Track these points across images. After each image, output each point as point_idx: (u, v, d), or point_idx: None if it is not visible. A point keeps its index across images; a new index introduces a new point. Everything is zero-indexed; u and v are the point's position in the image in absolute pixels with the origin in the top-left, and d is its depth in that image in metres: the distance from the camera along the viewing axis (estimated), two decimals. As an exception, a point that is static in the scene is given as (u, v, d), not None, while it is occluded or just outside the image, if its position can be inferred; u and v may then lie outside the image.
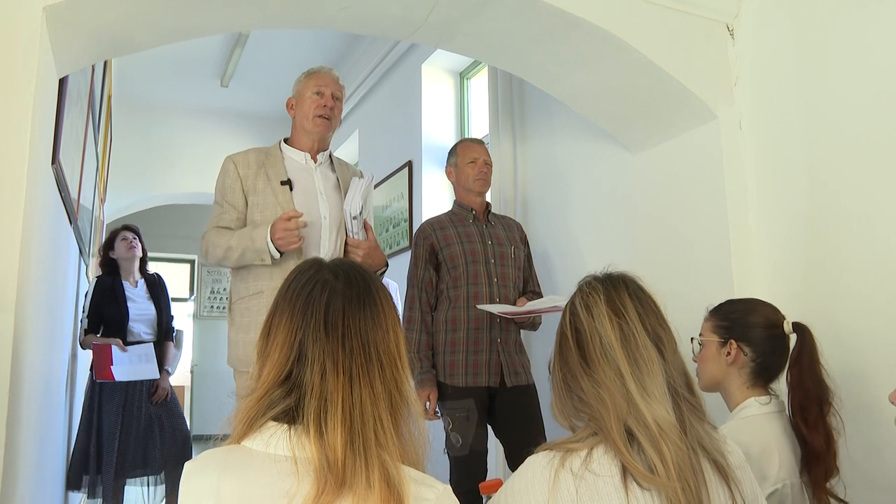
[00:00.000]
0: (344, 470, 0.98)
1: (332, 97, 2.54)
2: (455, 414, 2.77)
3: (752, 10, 2.70)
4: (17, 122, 1.83)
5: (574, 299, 1.35)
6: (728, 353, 1.80)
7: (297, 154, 2.55)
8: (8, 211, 1.80)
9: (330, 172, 2.60)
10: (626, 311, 1.28)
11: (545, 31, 2.59)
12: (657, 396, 1.21)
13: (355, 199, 2.44)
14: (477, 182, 3.02)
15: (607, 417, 1.20)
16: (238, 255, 2.36)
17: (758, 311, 1.85)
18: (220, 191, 2.49)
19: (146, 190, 6.56)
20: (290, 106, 2.60)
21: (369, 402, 1.04)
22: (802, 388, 1.75)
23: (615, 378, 1.23)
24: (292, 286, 1.15)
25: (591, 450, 1.19)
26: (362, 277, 1.15)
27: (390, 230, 5.28)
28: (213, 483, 1.02)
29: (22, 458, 2.08)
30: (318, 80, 2.55)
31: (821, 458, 1.69)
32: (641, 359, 1.24)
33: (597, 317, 1.28)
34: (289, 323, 1.10)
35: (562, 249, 3.56)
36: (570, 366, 1.30)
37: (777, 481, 1.63)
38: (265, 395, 1.06)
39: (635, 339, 1.25)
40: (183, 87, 6.42)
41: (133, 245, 4.24)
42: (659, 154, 2.96)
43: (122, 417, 3.97)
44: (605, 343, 1.26)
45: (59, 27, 2.00)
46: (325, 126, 2.53)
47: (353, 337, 1.07)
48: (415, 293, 2.93)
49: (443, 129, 4.96)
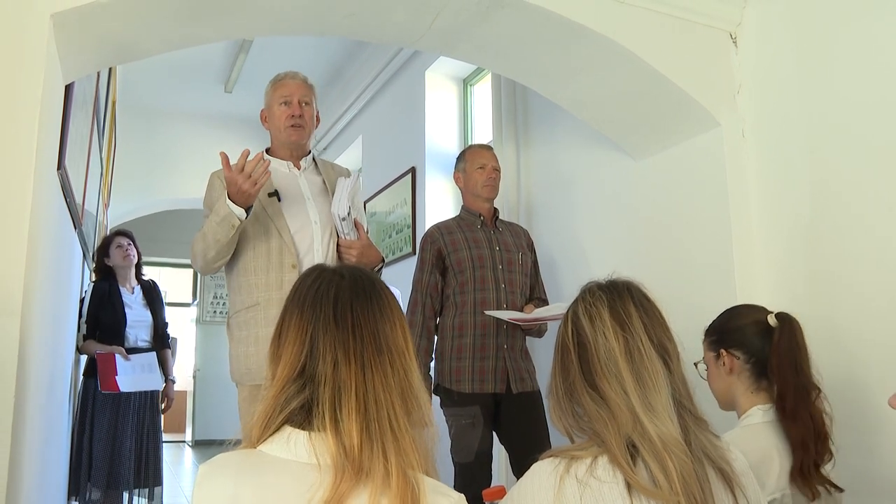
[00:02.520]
0: (360, 456, 0.99)
1: (299, 104, 2.51)
2: (461, 420, 2.78)
3: (754, 19, 2.71)
4: (24, 127, 1.85)
5: (576, 308, 1.31)
6: (724, 364, 1.80)
7: (280, 163, 2.54)
8: (14, 215, 1.81)
9: (315, 176, 2.59)
10: (630, 322, 1.24)
11: (549, 39, 2.60)
12: (661, 412, 1.18)
13: (342, 201, 2.42)
14: (485, 188, 3.02)
15: (607, 434, 1.18)
16: (213, 238, 2.29)
17: (740, 315, 1.86)
18: (207, 205, 2.47)
19: (150, 195, 6.57)
20: (263, 118, 2.60)
21: (382, 390, 1.05)
22: (781, 376, 1.73)
23: (619, 393, 1.20)
24: (299, 289, 1.16)
25: (595, 458, 1.18)
26: (366, 276, 1.17)
27: (393, 236, 5.29)
28: (230, 487, 1.01)
29: (26, 462, 2.09)
30: (283, 90, 2.53)
31: (799, 447, 1.65)
32: (646, 373, 1.21)
33: (600, 329, 1.24)
34: (299, 320, 1.11)
35: (566, 256, 3.56)
36: (571, 377, 1.27)
37: (776, 490, 1.62)
38: (281, 391, 1.07)
39: (640, 352, 1.22)
40: (187, 93, 6.44)
41: (129, 253, 4.21)
42: (662, 161, 2.96)
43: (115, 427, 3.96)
44: (609, 357, 1.22)
45: (65, 34, 2.01)
46: (298, 134, 2.52)
47: (364, 327, 1.09)
48: (419, 297, 2.93)
49: (446, 135, 4.97)
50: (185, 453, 9.37)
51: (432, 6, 2.46)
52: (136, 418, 4.05)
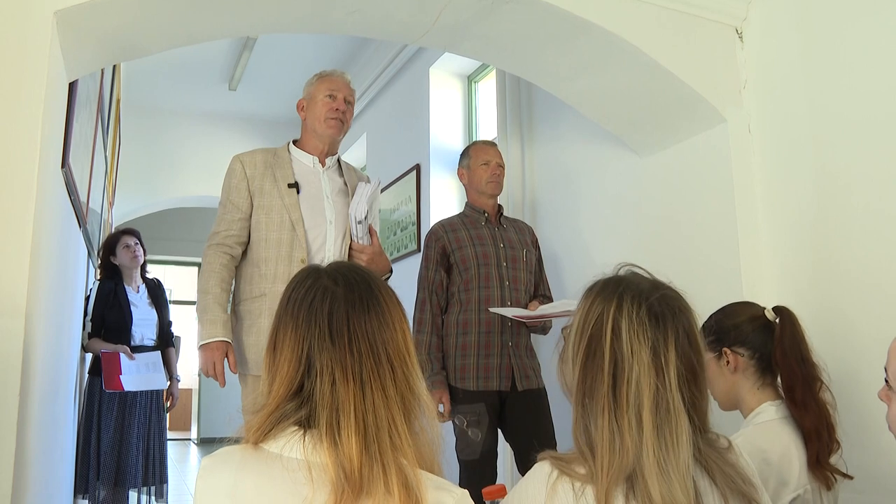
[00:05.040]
0: (361, 477, 0.98)
1: (344, 101, 2.53)
2: (466, 418, 2.77)
3: (760, 14, 2.70)
4: (28, 125, 1.84)
5: (618, 319, 1.16)
6: (727, 362, 1.79)
7: (306, 157, 2.55)
8: (18, 214, 1.80)
9: (337, 177, 2.60)
10: (667, 369, 1.13)
11: (554, 35, 2.59)
12: (673, 474, 1.09)
13: (361, 204, 2.43)
14: (490, 185, 3.01)
15: (604, 469, 1.10)
16: (200, 308, 2.42)
17: (737, 312, 1.85)
18: (225, 190, 2.49)
19: (154, 193, 6.57)
20: (300, 108, 2.60)
21: (382, 406, 1.03)
22: (787, 368, 1.73)
23: (636, 436, 1.10)
24: (293, 297, 1.13)
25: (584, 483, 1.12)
26: (362, 278, 1.14)
27: (398, 234, 5.28)
28: (230, 480, 1.02)
29: (32, 461, 2.09)
30: (331, 84, 2.54)
31: (813, 436, 1.66)
32: (668, 429, 1.11)
33: (637, 364, 1.13)
34: (294, 335, 1.09)
35: (570, 252, 3.55)
36: (596, 388, 1.16)
37: (798, 486, 1.62)
38: (276, 409, 1.06)
39: (668, 404, 1.12)
40: (191, 91, 6.44)
41: (136, 253, 4.22)
42: (668, 157, 2.95)
43: (122, 425, 3.97)
44: (637, 398, 1.12)
45: (69, 31, 2.01)
46: (337, 128, 2.53)
47: (361, 341, 1.06)
48: (425, 295, 2.92)
49: (450, 132, 4.96)
50: (190, 451, 9.39)
51: (437, 2, 2.45)
52: (142, 416, 4.06)
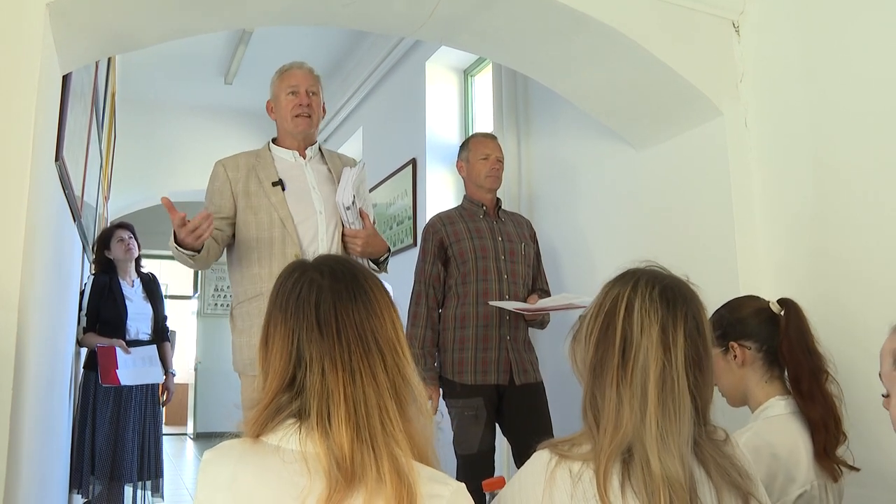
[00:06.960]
0: (352, 465, 0.99)
1: (306, 94, 2.52)
2: (463, 412, 2.76)
3: (757, 7, 2.69)
4: (21, 118, 1.83)
5: (633, 298, 1.22)
6: (735, 357, 1.79)
7: (286, 153, 2.55)
8: (11, 207, 1.79)
9: (320, 165, 2.59)
10: (674, 349, 1.17)
11: (551, 28, 2.58)
12: (674, 450, 1.13)
13: (346, 190, 2.41)
14: (488, 178, 3.00)
15: (605, 440, 1.14)
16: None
17: (741, 306, 1.85)
18: (208, 195, 2.49)
19: (150, 187, 6.55)
20: (269, 109, 2.61)
21: (373, 394, 1.04)
22: (793, 359, 1.73)
23: (638, 410, 1.15)
24: (281, 291, 1.15)
25: (583, 463, 1.15)
26: (348, 269, 1.15)
27: (394, 228, 5.28)
28: (230, 473, 1.04)
29: (25, 457, 2.08)
30: (290, 79, 2.54)
31: (821, 428, 1.67)
32: (672, 403, 1.15)
33: (646, 341, 1.18)
34: (283, 329, 1.10)
35: (567, 246, 3.55)
36: (606, 362, 1.20)
37: (805, 482, 1.62)
38: (271, 402, 1.07)
39: (673, 382, 1.16)
40: (187, 85, 6.42)
41: (130, 246, 4.20)
42: (664, 151, 2.95)
43: (117, 420, 3.97)
44: (644, 373, 1.16)
45: (62, 23, 1.99)
46: (305, 124, 2.52)
47: (349, 330, 1.07)
48: (422, 289, 2.91)
49: (447, 126, 4.95)
50: (186, 446, 9.38)
51: (433, -5, 2.44)
52: (138, 411, 4.06)
